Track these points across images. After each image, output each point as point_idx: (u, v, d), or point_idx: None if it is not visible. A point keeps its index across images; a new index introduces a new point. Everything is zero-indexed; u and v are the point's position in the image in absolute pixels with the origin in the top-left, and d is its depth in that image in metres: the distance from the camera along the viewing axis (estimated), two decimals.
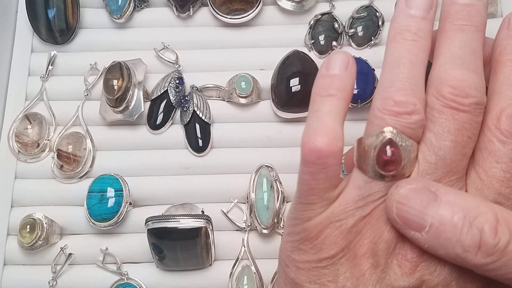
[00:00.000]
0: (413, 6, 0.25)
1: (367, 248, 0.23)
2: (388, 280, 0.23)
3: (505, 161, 0.23)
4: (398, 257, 0.23)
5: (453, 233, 0.21)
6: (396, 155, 0.23)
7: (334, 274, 0.24)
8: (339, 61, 0.25)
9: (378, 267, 0.23)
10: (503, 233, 0.21)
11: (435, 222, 0.22)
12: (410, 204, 0.22)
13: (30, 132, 0.40)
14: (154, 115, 0.40)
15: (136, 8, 0.43)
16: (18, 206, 0.39)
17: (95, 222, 0.37)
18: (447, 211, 0.21)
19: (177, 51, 0.42)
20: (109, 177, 0.38)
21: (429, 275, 0.23)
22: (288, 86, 0.38)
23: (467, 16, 0.25)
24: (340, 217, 0.24)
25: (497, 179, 0.23)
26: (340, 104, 0.25)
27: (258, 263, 0.37)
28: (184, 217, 0.35)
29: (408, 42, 0.25)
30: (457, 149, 0.23)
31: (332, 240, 0.24)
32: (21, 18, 0.43)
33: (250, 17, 0.42)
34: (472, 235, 0.21)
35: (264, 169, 0.38)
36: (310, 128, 0.24)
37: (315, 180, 0.24)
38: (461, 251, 0.21)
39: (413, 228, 0.22)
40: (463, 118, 0.23)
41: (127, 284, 0.37)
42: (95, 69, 0.42)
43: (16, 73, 0.42)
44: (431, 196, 0.22)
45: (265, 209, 0.37)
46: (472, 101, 0.23)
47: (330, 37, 0.41)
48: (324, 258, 0.24)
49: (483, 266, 0.21)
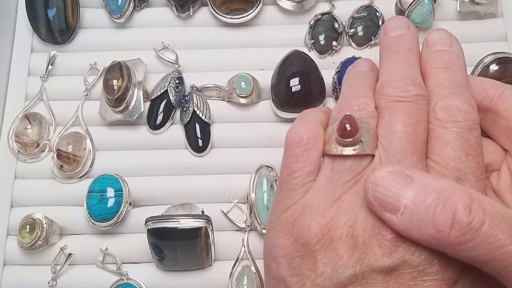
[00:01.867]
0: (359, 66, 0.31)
1: (343, 231, 0.24)
2: (368, 261, 0.23)
3: (452, 141, 0.25)
4: (378, 237, 0.23)
5: (426, 214, 0.22)
6: (353, 125, 0.25)
7: (313, 262, 0.24)
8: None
9: (356, 248, 0.23)
10: (477, 212, 0.21)
11: (409, 203, 0.22)
12: (386, 186, 0.23)
13: (30, 132, 0.40)
14: (154, 115, 0.40)
15: (136, 8, 0.43)
16: (17, 206, 0.39)
17: (95, 222, 0.37)
18: (421, 193, 0.22)
19: (177, 51, 0.42)
20: (109, 177, 0.38)
21: (410, 255, 0.23)
22: (288, 86, 0.38)
23: (399, 43, 0.29)
24: (312, 202, 0.25)
25: (450, 157, 0.25)
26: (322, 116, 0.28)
27: (258, 263, 0.37)
28: (184, 217, 0.35)
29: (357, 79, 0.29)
30: (409, 130, 0.25)
31: (305, 226, 0.24)
32: (21, 18, 0.43)
33: (250, 17, 0.42)
34: (445, 214, 0.21)
35: (264, 169, 0.38)
36: (294, 124, 0.28)
37: (297, 163, 0.26)
38: (434, 231, 0.22)
39: (388, 210, 0.23)
40: (408, 106, 0.26)
41: (127, 284, 0.37)
42: (95, 69, 0.42)
43: (16, 73, 0.42)
44: (406, 179, 0.23)
45: (265, 209, 0.37)
46: (413, 93, 0.26)
47: (330, 37, 0.41)
48: (300, 244, 0.24)
49: (456, 246, 0.21)
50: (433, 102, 0.26)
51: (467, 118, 0.25)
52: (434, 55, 0.28)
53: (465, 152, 0.24)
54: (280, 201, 0.26)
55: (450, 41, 0.29)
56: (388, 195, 0.23)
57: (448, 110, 0.25)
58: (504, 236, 0.21)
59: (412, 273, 0.23)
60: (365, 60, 0.31)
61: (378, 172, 0.23)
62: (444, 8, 0.43)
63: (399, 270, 0.23)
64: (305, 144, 0.26)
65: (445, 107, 0.25)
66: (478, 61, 0.38)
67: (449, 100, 0.25)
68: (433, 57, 0.28)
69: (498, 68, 0.37)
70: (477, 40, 0.42)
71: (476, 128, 0.25)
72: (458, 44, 0.29)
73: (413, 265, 0.23)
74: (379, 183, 0.23)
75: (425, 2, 0.40)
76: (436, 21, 0.42)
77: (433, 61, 0.28)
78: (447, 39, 0.29)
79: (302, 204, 0.25)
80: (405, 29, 0.30)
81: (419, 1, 0.40)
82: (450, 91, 0.26)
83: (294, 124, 0.27)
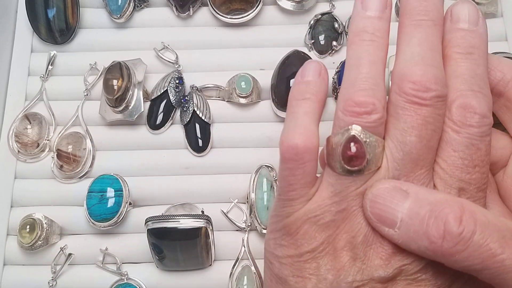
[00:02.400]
0: (368, 8, 0.27)
1: (346, 241, 0.24)
2: (368, 271, 0.24)
3: (462, 149, 0.24)
4: (378, 250, 0.24)
5: (420, 226, 0.22)
6: (360, 151, 0.24)
7: (316, 267, 0.25)
8: (313, 70, 0.28)
9: (358, 259, 0.24)
10: (468, 223, 0.22)
11: (405, 217, 0.23)
12: (383, 202, 0.24)
13: (29, 132, 0.40)
14: (154, 115, 0.40)
15: (136, 8, 0.43)
16: (17, 206, 0.39)
17: (95, 222, 0.37)
18: (415, 206, 0.23)
19: (177, 51, 0.42)
20: (109, 177, 0.38)
21: (407, 264, 0.24)
22: (288, 86, 0.38)
23: (424, 10, 0.26)
24: (317, 212, 0.25)
25: (456, 167, 0.24)
26: (315, 106, 0.27)
27: (258, 263, 0.37)
28: (184, 217, 0.35)
29: (366, 43, 0.26)
30: (422, 143, 0.24)
31: (311, 235, 0.25)
32: (21, 18, 0.43)
33: (250, 17, 0.42)
34: (437, 226, 0.22)
35: (264, 169, 0.38)
36: (288, 128, 0.26)
37: (293, 176, 0.25)
38: (428, 243, 0.22)
39: (386, 225, 0.23)
40: (426, 113, 0.24)
41: (127, 284, 0.37)
42: (95, 69, 0.42)
43: (16, 73, 0.42)
44: (402, 194, 0.23)
45: (265, 209, 0.37)
46: (433, 95, 0.24)
47: (330, 37, 0.41)
48: (305, 252, 0.25)
49: (450, 257, 0.22)
50: (451, 99, 0.25)
51: (481, 123, 0.24)
52: (457, 35, 0.26)
53: (473, 163, 0.24)
54: (281, 207, 0.26)
55: (477, 18, 0.26)
56: (386, 210, 0.23)
57: (464, 111, 0.24)
58: (496, 246, 0.21)
59: (407, 279, 0.24)
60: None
61: (375, 189, 0.24)
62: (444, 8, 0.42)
63: (396, 278, 0.24)
64: (300, 158, 0.25)
65: (461, 108, 0.24)
66: None
67: (467, 99, 0.24)
68: (456, 37, 0.26)
69: None
70: None
71: (489, 134, 0.25)
72: (484, 23, 0.26)
73: (409, 273, 0.24)
74: (377, 199, 0.24)
75: None
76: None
77: (455, 43, 0.26)
78: (474, 16, 0.26)
79: (305, 213, 0.25)
80: None
81: None
82: (469, 87, 0.25)
83: (287, 127, 0.26)
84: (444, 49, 0.26)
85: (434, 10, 0.26)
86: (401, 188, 0.24)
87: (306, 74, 0.28)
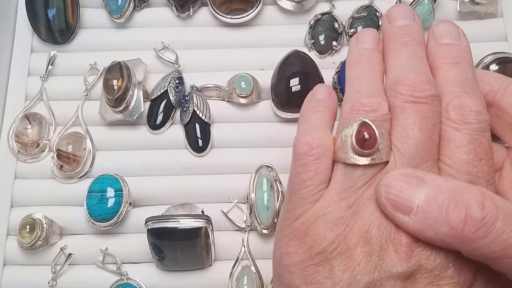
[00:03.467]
0: (363, 42, 0.29)
1: (359, 237, 0.24)
2: (385, 267, 0.23)
3: (465, 144, 0.24)
4: (394, 242, 0.23)
5: (439, 212, 0.22)
6: (372, 134, 0.24)
7: (329, 270, 0.24)
8: (323, 91, 0.29)
9: (373, 254, 0.23)
10: (490, 208, 0.21)
11: (421, 203, 0.23)
12: (398, 188, 0.23)
13: (30, 132, 0.40)
14: (154, 115, 0.40)
15: (136, 8, 0.43)
16: (17, 206, 0.39)
17: (95, 222, 0.37)
18: (433, 192, 0.23)
19: (177, 51, 0.42)
20: (109, 177, 0.38)
21: (425, 259, 0.23)
22: (288, 86, 0.38)
23: (407, 33, 0.28)
24: (325, 211, 0.24)
25: (462, 161, 0.24)
26: (328, 117, 0.28)
27: (258, 263, 0.37)
28: (184, 217, 0.35)
29: (365, 66, 0.28)
30: (425, 136, 0.25)
31: (321, 235, 0.24)
32: (21, 18, 0.43)
33: (250, 17, 0.42)
34: (458, 211, 0.22)
35: (264, 169, 0.38)
36: (302, 130, 0.27)
37: (307, 172, 0.25)
38: (448, 228, 0.22)
39: (402, 211, 0.23)
40: (424, 108, 0.25)
41: (127, 284, 0.37)
42: (95, 69, 0.42)
43: (16, 73, 0.42)
44: (418, 180, 0.23)
45: (265, 209, 0.37)
46: (428, 94, 0.25)
47: (330, 37, 0.41)
48: (315, 253, 0.24)
49: (470, 243, 0.21)
50: (446, 101, 0.25)
51: (479, 120, 0.25)
52: (442, 49, 0.28)
53: (478, 156, 0.24)
54: (290, 210, 0.26)
55: (457, 34, 0.28)
56: (401, 196, 0.23)
57: (461, 110, 0.25)
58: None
59: (428, 277, 0.23)
60: (370, 33, 0.30)
61: (391, 174, 0.24)
62: (444, 8, 0.43)
63: (416, 275, 0.23)
64: (315, 153, 0.25)
65: (458, 107, 0.25)
66: (478, 61, 0.38)
67: (462, 99, 0.25)
68: (442, 50, 0.28)
69: (498, 68, 0.37)
70: (477, 40, 0.42)
71: (488, 129, 0.25)
72: (465, 38, 0.28)
73: (428, 269, 0.23)
74: (392, 185, 0.23)
75: (425, 2, 0.40)
76: (436, 21, 0.42)
77: (441, 55, 0.27)
78: (455, 32, 0.28)
79: (314, 213, 0.25)
80: (411, 19, 0.29)
81: (419, 1, 0.40)
82: (462, 90, 0.25)
83: (301, 130, 0.27)
84: (432, 62, 0.28)
85: (416, 33, 0.28)
86: (417, 175, 0.23)
87: (317, 94, 0.29)
